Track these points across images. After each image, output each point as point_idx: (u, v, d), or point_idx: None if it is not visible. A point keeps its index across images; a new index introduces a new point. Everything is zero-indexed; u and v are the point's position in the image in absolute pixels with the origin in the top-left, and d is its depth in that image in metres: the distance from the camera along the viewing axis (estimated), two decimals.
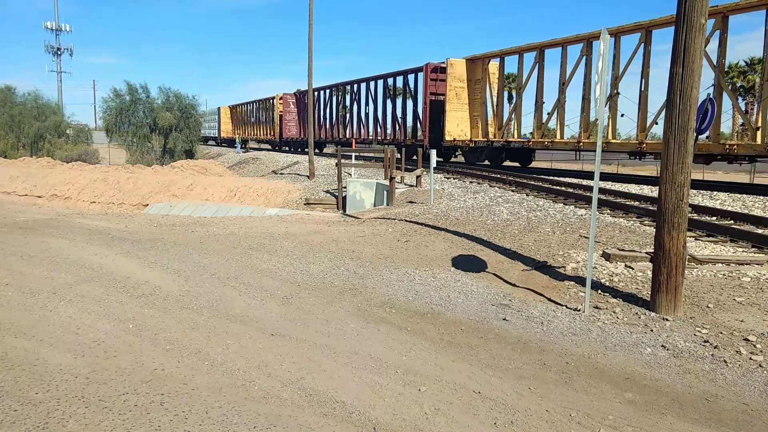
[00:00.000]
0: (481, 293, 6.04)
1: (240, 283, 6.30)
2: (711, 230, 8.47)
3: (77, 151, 38.11)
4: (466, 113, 23.92)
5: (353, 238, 9.14)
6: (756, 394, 3.73)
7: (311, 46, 22.17)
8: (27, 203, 20.71)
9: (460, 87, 23.69)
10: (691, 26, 5.04)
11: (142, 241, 8.61)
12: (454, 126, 23.83)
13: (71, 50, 63.08)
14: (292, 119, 40.02)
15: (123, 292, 5.83)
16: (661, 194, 5.33)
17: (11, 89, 42.41)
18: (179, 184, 21.41)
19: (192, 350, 4.31)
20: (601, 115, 5.31)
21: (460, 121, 23.90)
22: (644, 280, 6.20)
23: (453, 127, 23.79)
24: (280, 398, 3.57)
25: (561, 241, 8.05)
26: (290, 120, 40.08)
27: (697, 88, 5.14)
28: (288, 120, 40.13)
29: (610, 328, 4.94)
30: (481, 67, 23.19)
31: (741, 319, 5.05)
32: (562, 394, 3.72)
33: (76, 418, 3.23)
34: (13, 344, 4.35)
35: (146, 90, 39.75)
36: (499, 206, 11.55)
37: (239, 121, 53.01)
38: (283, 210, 16.06)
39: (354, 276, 6.71)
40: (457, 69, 23.51)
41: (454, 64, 23.47)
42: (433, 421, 3.33)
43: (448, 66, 23.34)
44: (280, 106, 41.05)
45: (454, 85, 23.46)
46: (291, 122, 40.03)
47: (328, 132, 35.37)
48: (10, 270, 6.66)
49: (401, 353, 4.38)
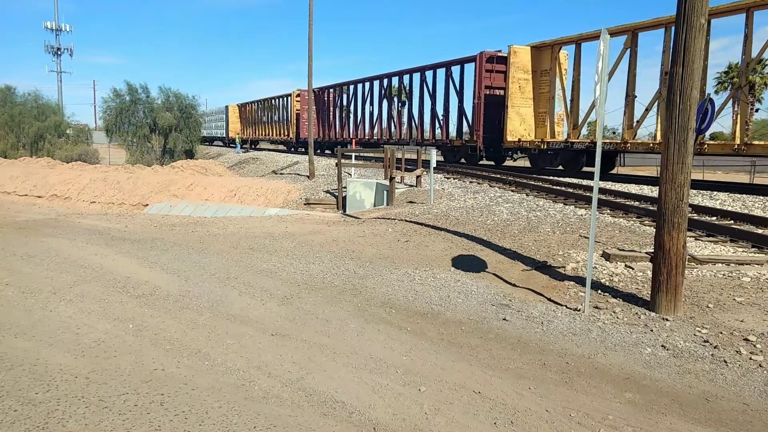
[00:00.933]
0: (481, 293, 6.04)
1: (240, 283, 6.30)
2: (711, 230, 8.47)
3: (77, 151, 38.09)
4: (530, 109, 20.64)
5: (353, 238, 9.14)
6: (756, 394, 3.73)
7: (311, 46, 22.18)
8: (27, 203, 20.70)
9: (523, 79, 20.43)
10: (691, 26, 5.05)
11: (142, 241, 8.61)
12: (517, 124, 20.47)
13: (71, 50, 63.08)
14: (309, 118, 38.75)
15: (123, 292, 5.83)
16: (661, 194, 5.33)
17: (11, 89, 42.42)
18: (179, 184, 21.40)
19: (192, 350, 4.31)
20: (601, 115, 5.31)
21: (524, 119, 20.56)
22: (644, 280, 6.20)
23: (516, 125, 20.43)
24: (280, 398, 3.57)
25: (561, 241, 8.05)
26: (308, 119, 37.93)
27: (697, 88, 5.14)
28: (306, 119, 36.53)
29: (610, 328, 4.94)
30: (550, 56, 19.95)
31: (741, 319, 5.05)
32: (562, 394, 3.72)
33: (76, 418, 3.23)
34: (13, 344, 4.35)
35: (146, 90, 39.75)
36: (499, 206, 11.55)
37: (249, 121, 50.28)
38: (283, 210, 16.06)
39: (354, 276, 6.71)
40: (521, 58, 20.19)
41: (518, 53, 20.24)
42: (433, 421, 3.33)
43: (510, 54, 20.12)
44: (297, 103, 37.88)
45: (517, 77, 20.20)
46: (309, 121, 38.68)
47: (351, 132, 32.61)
48: (10, 270, 6.66)
49: (401, 353, 4.38)
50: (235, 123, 52.64)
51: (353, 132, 32.46)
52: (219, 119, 55.35)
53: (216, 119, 56.52)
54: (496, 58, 21.29)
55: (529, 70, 20.48)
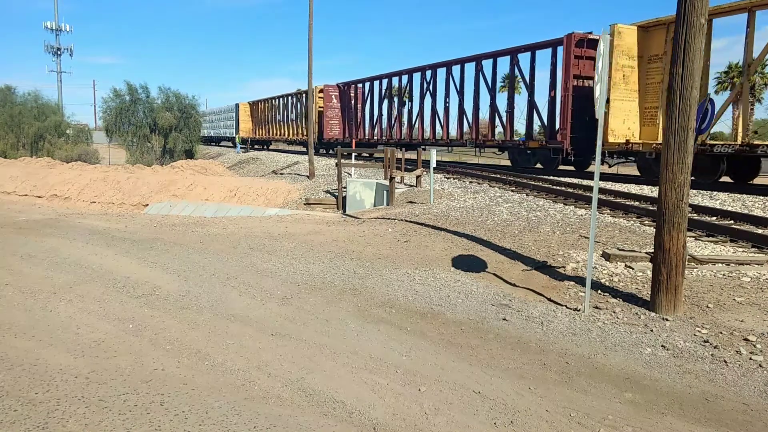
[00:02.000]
0: (481, 293, 6.04)
1: (240, 283, 6.30)
2: (711, 230, 8.47)
3: (77, 151, 38.06)
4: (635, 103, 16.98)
5: (353, 238, 9.14)
6: (756, 394, 3.73)
7: (311, 46, 22.18)
8: (27, 203, 20.70)
9: (628, 66, 16.66)
10: (691, 26, 5.05)
11: (142, 241, 8.61)
12: (620, 122, 16.71)
13: (71, 50, 62.86)
14: (334, 116, 33.28)
15: (123, 292, 5.83)
16: (661, 194, 5.33)
17: (11, 89, 42.42)
18: (179, 184, 21.41)
19: (192, 350, 4.31)
20: (601, 115, 5.31)
21: (628, 115, 16.85)
22: (644, 280, 6.20)
23: (618, 123, 16.65)
24: (280, 398, 3.57)
25: (561, 241, 8.05)
26: (332, 117, 33.28)
27: (697, 88, 5.15)
28: (330, 117, 33.18)
29: (610, 328, 4.94)
30: (664, 38, 15.99)
31: (741, 319, 5.05)
32: (562, 394, 3.72)
33: (76, 418, 3.23)
34: (13, 344, 4.35)
35: (146, 90, 39.74)
36: (499, 206, 11.55)
37: (261, 120, 46.51)
38: (283, 210, 16.06)
39: (354, 276, 6.71)
40: (626, 40, 16.43)
41: (623, 33, 16.35)
42: (433, 421, 3.33)
43: (614, 35, 16.13)
44: (319, 100, 33.54)
45: (621, 64, 16.51)
46: (333, 119, 33.35)
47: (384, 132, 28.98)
48: (10, 270, 6.66)
49: (401, 353, 4.38)
50: (246, 122, 49.27)
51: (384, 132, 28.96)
52: (228, 118, 52.11)
53: (224, 118, 53.39)
54: (586, 42, 17.80)
55: (635, 55, 16.73)
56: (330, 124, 33.57)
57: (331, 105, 33.39)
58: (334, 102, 33.39)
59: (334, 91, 33.36)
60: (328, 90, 33.30)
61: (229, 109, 52.35)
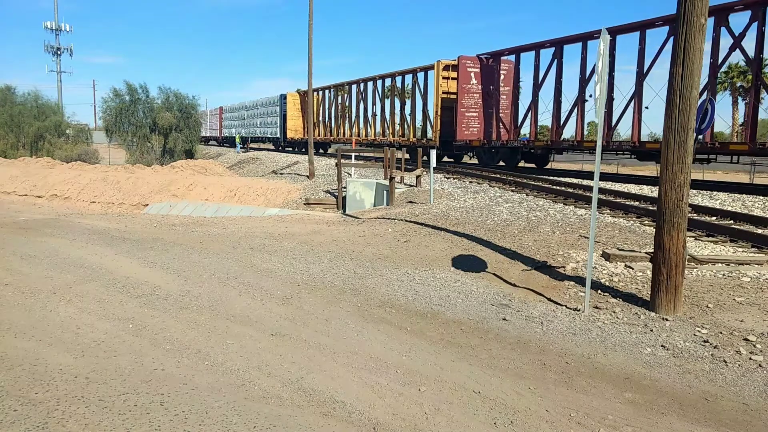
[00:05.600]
0: (481, 293, 6.04)
1: (240, 283, 6.30)
2: (711, 230, 8.47)
3: (77, 151, 38.03)
4: None
5: (353, 238, 9.14)
6: (756, 394, 3.73)
7: (311, 46, 22.18)
8: (27, 203, 20.71)
9: None
10: (691, 26, 5.05)
11: (142, 241, 8.61)
12: None
13: (71, 50, 62.86)
14: (472, 105, 21.71)
15: (123, 292, 5.83)
16: (661, 194, 5.33)
17: (11, 89, 42.35)
18: (179, 184, 21.40)
19: (192, 350, 4.31)
20: (600, 115, 5.31)
21: None
22: (644, 280, 6.20)
23: None
24: (280, 398, 3.57)
25: (561, 241, 8.05)
26: (471, 106, 21.73)
27: (697, 88, 5.15)
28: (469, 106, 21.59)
29: (609, 328, 4.94)
30: None
31: (741, 319, 5.05)
32: (561, 394, 3.72)
33: (76, 418, 3.23)
34: (13, 344, 4.35)
35: (146, 90, 39.67)
36: (499, 206, 11.55)
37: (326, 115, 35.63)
38: (283, 210, 16.05)
39: (354, 276, 6.71)
40: None
41: None
42: (432, 421, 3.33)
43: None
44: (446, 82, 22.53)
45: None
46: (471, 111, 21.76)
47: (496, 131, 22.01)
48: (10, 270, 6.65)
49: (401, 353, 4.38)
50: (296, 119, 38.69)
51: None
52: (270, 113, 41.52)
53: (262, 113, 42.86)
54: None
55: None
56: (467, 119, 21.78)
57: (468, 88, 21.64)
58: (473, 83, 21.73)
59: (473, 66, 21.56)
60: (465, 65, 21.25)
61: (270, 102, 41.47)
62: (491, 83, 22.03)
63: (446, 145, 23.39)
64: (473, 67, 21.86)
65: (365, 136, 29.96)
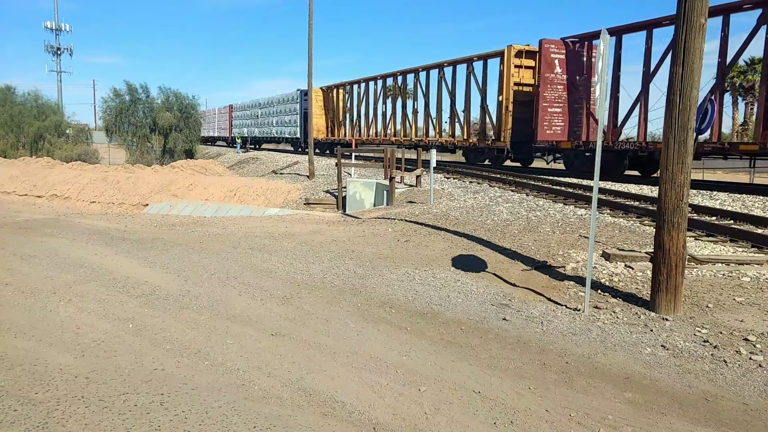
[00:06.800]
0: (481, 293, 6.04)
1: (240, 282, 6.30)
2: (711, 230, 8.47)
3: (77, 151, 38.03)
4: None
5: (353, 238, 9.14)
6: (756, 394, 3.73)
7: (311, 46, 22.18)
8: (27, 203, 20.71)
9: None
10: (691, 26, 5.05)
11: (142, 241, 8.61)
12: None
13: (71, 50, 62.78)
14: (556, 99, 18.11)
15: (123, 292, 5.83)
16: (661, 194, 5.33)
17: (11, 89, 42.34)
18: (179, 183, 21.40)
19: (192, 350, 4.31)
20: (601, 115, 5.31)
21: None
22: (644, 280, 6.20)
23: None
24: (280, 398, 3.57)
25: (561, 241, 8.05)
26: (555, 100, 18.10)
27: (697, 88, 5.14)
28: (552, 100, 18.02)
29: (609, 328, 4.94)
30: None
31: (741, 319, 5.05)
32: (561, 394, 3.72)
33: (76, 418, 3.23)
34: (13, 344, 4.35)
35: (146, 90, 39.67)
36: (499, 206, 11.55)
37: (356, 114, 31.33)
38: (283, 210, 16.05)
39: (354, 276, 6.71)
40: None
41: None
42: (432, 421, 3.33)
43: None
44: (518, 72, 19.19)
45: None
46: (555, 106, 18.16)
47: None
48: (10, 270, 6.66)
49: (401, 353, 4.38)
50: (320, 117, 35.03)
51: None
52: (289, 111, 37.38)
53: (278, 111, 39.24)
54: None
55: None
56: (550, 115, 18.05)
57: (551, 79, 17.86)
58: (558, 73, 17.88)
59: (558, 51, 17.83)
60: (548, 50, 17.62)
61: (288, 99, 37.56)
62: (578, 72, 18.16)
63: (517, 147, 19.64)
64: (558, 53, 17.84)
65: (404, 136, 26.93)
